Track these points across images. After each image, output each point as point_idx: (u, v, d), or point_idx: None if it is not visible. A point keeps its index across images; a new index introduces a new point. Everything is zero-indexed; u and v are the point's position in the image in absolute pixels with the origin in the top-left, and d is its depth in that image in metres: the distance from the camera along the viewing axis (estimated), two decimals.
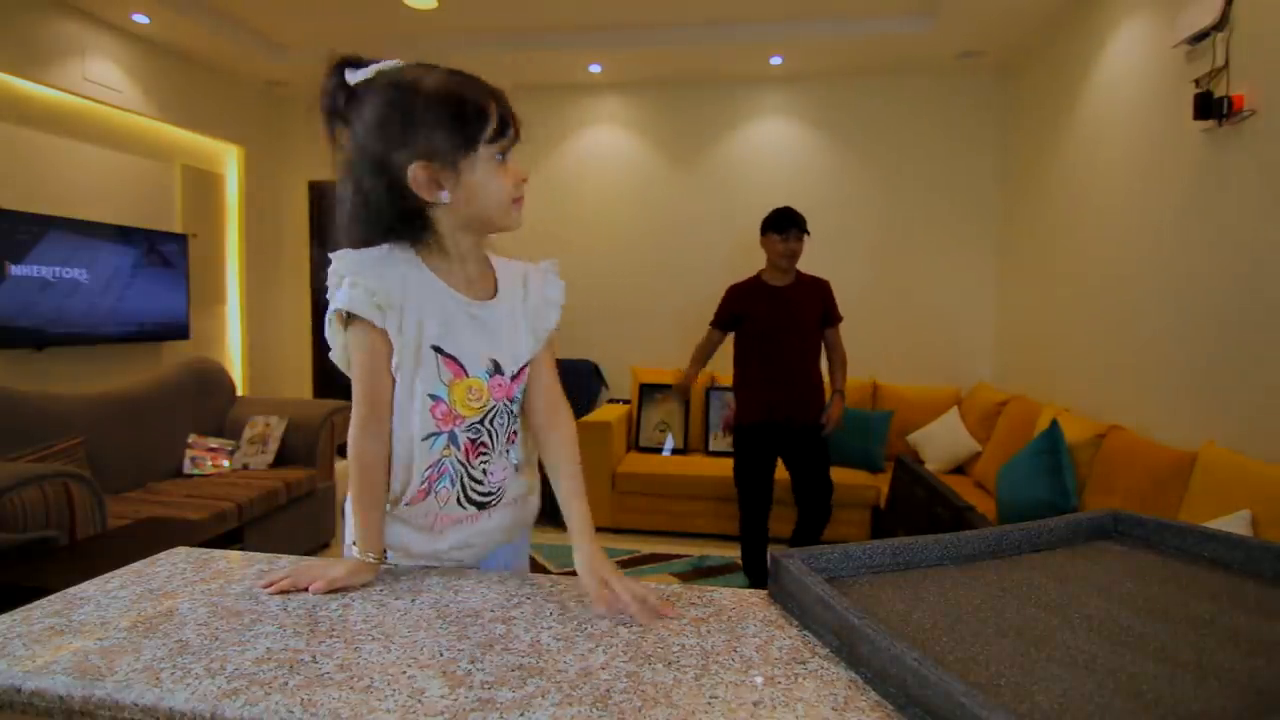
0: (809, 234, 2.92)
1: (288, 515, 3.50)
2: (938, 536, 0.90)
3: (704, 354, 3.08)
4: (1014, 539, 0.93)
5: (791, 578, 0.81)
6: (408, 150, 0.89)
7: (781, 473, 3.06)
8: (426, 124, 0.88)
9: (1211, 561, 0.88)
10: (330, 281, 0.93)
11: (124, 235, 3.89)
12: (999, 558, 0.91)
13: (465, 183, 0.91)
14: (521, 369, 1.02)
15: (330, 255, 0.93)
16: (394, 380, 0.94)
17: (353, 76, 0.91)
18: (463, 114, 0.90)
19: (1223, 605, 0.76)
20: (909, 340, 4.64)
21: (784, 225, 2.88)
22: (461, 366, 0.96)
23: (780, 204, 3.05)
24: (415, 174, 0.89)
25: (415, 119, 0.88)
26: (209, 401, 3.89)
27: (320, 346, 5.34)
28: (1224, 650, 0.66)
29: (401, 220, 0.93)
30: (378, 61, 0.92)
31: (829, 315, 3.01)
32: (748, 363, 3.00)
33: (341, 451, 4.23)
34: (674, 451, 4.42)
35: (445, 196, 0.91)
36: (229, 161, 4.94)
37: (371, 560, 0.94)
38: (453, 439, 0.98)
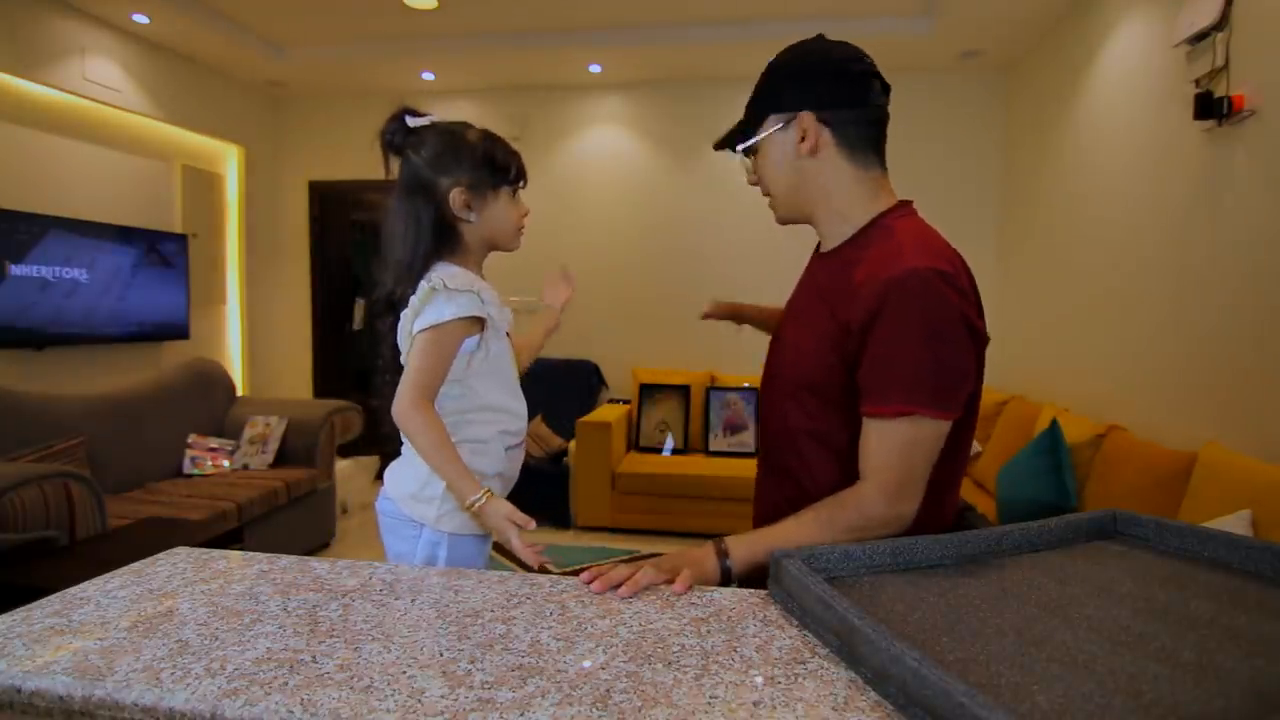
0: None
1: (288, 515, 3.50)
2: (938, 536, 0.90)
3: None
4: (1014, 539, 0.93)
5: (791, 578, 0.81)
6: (450, 178, 1.18)
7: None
8: (468, 162, 1.19)
9: (1211, 561, 0.88)
10: (437, 289, 1.14)
11: (124, 235, 3.89)
12: (999, 558, 0.91)
13: (489, 210, 1.21)
14: None
15: (433, 268, 1.18)
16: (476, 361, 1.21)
17: (413, 122, 1.19)
18: (494, 161, 1.20)
19: (1223, 605, 0.76)
20: None
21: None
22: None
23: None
24: (455, 196, 1.18)
25: (461, 156, 1.18)
26: (209, 401, 3.89)
27: (320, 346, 5.34)
28: (1224, 650, 0.66)
29: (437, 233, 1.19)
30: (430, 114, 1.22)
31: (859, 374, 0.96)
32: None
33: (343, 451, 4.24)
34: (674, 451, 4.42)
35: (474, 218, 1.20)
36: (229, 161, 4.94)
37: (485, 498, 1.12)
38: None
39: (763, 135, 1.06)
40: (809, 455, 1.04)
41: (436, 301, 1.14)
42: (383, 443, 1.30)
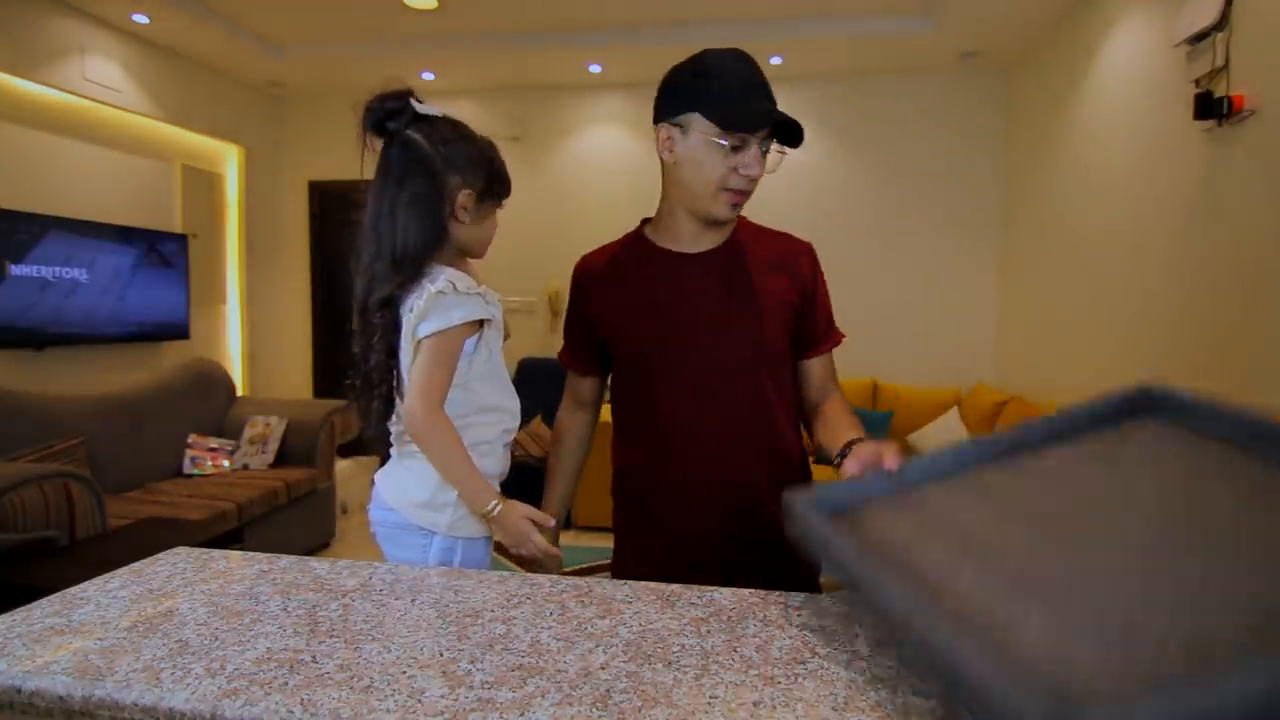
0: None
1: (288, 515, 3.50)
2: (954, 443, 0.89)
3: (558, 438, 1.57)
4: (1039, 432, 0.87)
5: (800, 523, 0.80)
6: (461, 178, 1.15)
7: None
8: (482, 168, 1.18)
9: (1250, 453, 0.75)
10: (445, 292, 1.11)
11: (124, 235, 3.89)
12: (1017, 460, 0.85)
13: (478, 219, 1.20)
14: None
15: (433, 269, 1.14)
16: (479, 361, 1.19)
17: (421, 108, 1.15)
18: (496, 174, 1.21)
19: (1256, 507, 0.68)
20: (909, 340, 4.64)
21: (746, 105, 1.11)
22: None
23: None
24: (462, 198, 1.16)
25: (477, 160, 1.18)
26: (209, 401, 3.89)
27: (320, 346, 5.34)
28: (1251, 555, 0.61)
29: (440, 226, 1.15)
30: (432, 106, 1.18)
31: (811, 326, 1.27)
32: (625, 432, 1.44)
33: (343, 451, 4.24)
34: None
35: (467, 219, 1.18)
36: (229, 161, 4.94)
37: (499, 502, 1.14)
38: None
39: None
40: (747, 413, 1.25)
41: (444, 305, 1.11)
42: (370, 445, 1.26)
